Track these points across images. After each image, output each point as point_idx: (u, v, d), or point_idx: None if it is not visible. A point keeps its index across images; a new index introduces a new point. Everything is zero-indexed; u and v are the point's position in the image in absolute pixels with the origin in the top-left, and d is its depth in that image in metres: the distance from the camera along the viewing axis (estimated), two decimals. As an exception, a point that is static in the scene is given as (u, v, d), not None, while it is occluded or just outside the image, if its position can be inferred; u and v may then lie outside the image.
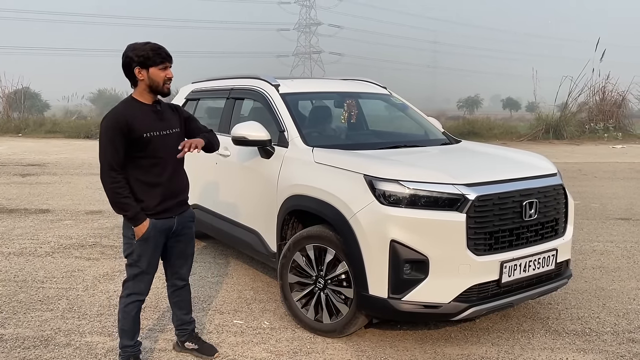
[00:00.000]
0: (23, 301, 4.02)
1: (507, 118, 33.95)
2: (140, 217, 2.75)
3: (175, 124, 2.92)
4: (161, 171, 2.81)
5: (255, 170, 4.10)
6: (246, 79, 4.71)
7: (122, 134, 2.66)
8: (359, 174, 3.23)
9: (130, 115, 2.71)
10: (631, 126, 19.95)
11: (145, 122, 2.74)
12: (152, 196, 2.80)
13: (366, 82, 5.18)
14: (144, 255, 2.82)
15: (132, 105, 2.78)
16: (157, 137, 2.77)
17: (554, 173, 3.61)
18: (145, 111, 2.78)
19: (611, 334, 3.56)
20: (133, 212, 2.73)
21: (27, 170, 11.06)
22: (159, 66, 2.74)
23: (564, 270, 3.63)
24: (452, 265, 3.03)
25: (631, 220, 6.84)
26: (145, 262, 2.84)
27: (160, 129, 2.80)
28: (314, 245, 3.44)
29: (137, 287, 2.88)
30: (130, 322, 2.91)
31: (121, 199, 2.70)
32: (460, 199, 3.05)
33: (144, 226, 2.77)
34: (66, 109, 28.43)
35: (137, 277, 2.86)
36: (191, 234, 3.09)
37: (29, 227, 6.29)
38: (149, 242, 2.81)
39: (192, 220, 3.08)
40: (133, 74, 2.75)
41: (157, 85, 2.77)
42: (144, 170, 2.77)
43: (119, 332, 2.96)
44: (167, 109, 2.93)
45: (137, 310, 2.92)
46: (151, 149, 2.75)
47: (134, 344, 2.97)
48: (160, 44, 2.80)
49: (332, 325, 3.40)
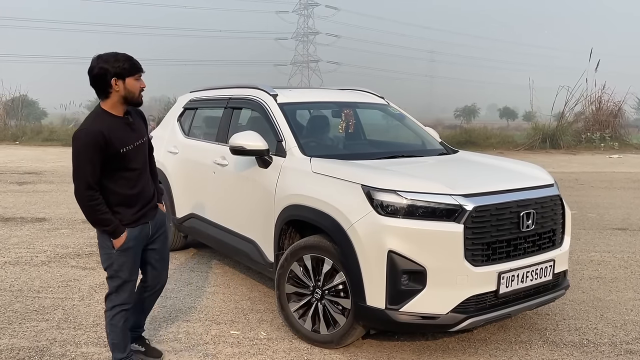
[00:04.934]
0: (18, 311, 3.99)
1: (503, 127, 34.06)
2: (119, 230, 2.75)
3: (143, 131, 2.93)
4: (136, 182, 2.84)
5: (252, 179, 4.10)
6: (244, 88, 4.72)
7: (100, 150, 2.62)
8: (356, 184, 3.24)
9: (107, 129, 2.65)
10: (627, 136, 20.05)
11: (121, 136, 2.71)
12: (128, 207, 2.81)
13: (364, 92, 5.19)
14: (125, 264, 2.82)
15: (105, 119, 2.70)
16: (132, 150, 2.77)
17: (551, 184, 3.62)
18: (119, 125, 2.74)
19: (609, 345, 3.55)
20: (113, 227, 2.73)
21: (24, 178, 11.03)
22: (134, 76, 2.71)
23: (562, 281, 3.63)
24: (450, 276, 3.03)
25: (628, 230, 6.85)
26: (126, 272, 2.84)
27: (134, 140, 2.80)
28: (312, 255, 3.44)
29: (121, 298, 2.87)
30: (119, 334, 2.90)
31: (100, 215, 2.69)
32: (457, 209, 3.05)
33: (123, 237, 2.77)
34: (63, 117, 28.46)
35: (120, 288, 2.85)
36: (166, 235, 3.12)
37: (25, 235, 6.26)
38: (129, 252, 2.82)
39: (164, 221, 3.12)
40: (106, 85, 2.67)
41: (133, 96, 2.74)
42: (119, 183, 2.76)
43: (111, 346, 2.95)
44: (136, 117, 2.90)
45: (124, 320, 2.92)
46: (127, 162, 2.75)
47: (127, 355, 2.96)
48: (129, 54, 2.75)
49: (330, 336, 3.38)
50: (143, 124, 2.96)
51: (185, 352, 3.39)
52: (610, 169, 13.61)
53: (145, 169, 2.92)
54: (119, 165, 2.73)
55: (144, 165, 2.89)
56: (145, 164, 2.92)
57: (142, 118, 2.99)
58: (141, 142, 2.87)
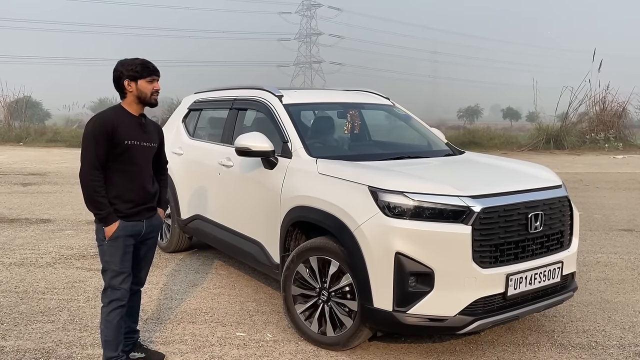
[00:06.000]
0: (24, 312, 3.99)
1: (507, 128, 33.98)
2: (111, 218, 2.86)
3: (155, 140, 3.11)
4: (135, 178, 2.95)
5: (258, 181, 4.08)
6: (249, 89, 4.71)
7: (107, 136, 2.82)
8: (363, 185, 3.22)
9: (117, 120, 2.88)
10: (632, 136, 19.96)
11: (129, 130, 2.91)
12: (124, 201, 2.91)
13: (369, 93, 5.17)
14: (115, 255, 2.90)
15: (120, 112, 2.95)
16: (137, 146, 2.93)
17: (559, 185, 3.59)
18: (131, 120, 2.95)
19: (617, 347, 3.52)
20: (106, 212, 2.85)
21: (28, 179, 11.05)
22: (146, 79, 2.93)
23: (570, 282, 3.60)
24: (458, 278, 3.01)
25: (634, 231, 6.82)
26: (117, 263, 2.91)
27: (142, 140, 2.97)
28: (318, 256, 3.42)
29: (116, 293, 2.92)
30: (113, 331, 2.93)
31: (97, 197, 2.83)
32: (465, 211, 3.03)
33: (114, 226, 2.87)
34: (67, 118, 28.46)
35: (114, 280, 2.91)
36: (156, 239, 3.22)
37: (30, 237, 6.26)
38: (119, 242, 2.90)
39: (159, 226, 3.19)
40: (121, 86, 2.94)
41: (145, 96, 2.95)
42: (119, 175, 2.90)
43: (103, 343, 2.98)
44: (151, 125, 3.10)
45: (120, 318, 2.95)
46: (129, 156, 2.91)
47: (118, 355, 2.97)
48: (148, 60, 2.99)
49: (336, 338, 3.37)
50: (157, 135, 3.14)
51: (191, 354, 3.37)
52: (614, 169, 13.56)
53: (147, 169, 3.04)
54: (121, 156, 2.88)
55: (145, 165, 3.03)
56: (147, 166, 3.05)
57: (158, 131, 3.18)
58: (149, 145, 3.04)
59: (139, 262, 3.12)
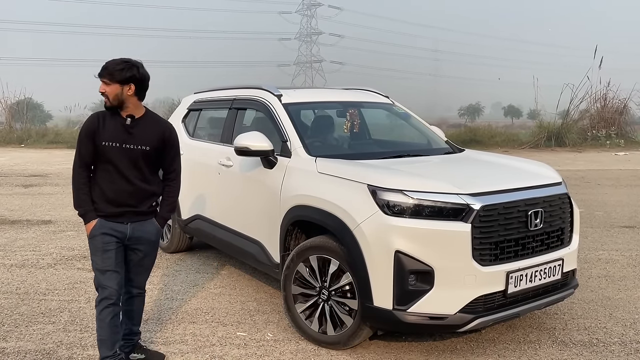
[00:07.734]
0: (25, 314, 3.99)
1: (508, 125, 33.91)
2: (89, 216, 2.89)
3: (147, 142, 2.92)
4: (115, 179, 2.90)
5: (258, 180, 4.08)
6: (249, 89, 4.71)
7: (91, 136, 2.86)
8: (362, 184, 3.22)
9: (100, 121, 2.89)
10: (633, 133, 19.92)
11: (109, 131, 2.88)
12: (105, 200, 2.91)
13: (369, 92, 5.17)
14: (95, 253, 2.92)
15: (109, 113, 2.93)
16: (114, 147, 2.86)
17: (559, 182, 3.58)
18: (116, 121, 2.91)
19: (619, 344, 3.51)
20: (85, 210, 2.89)
21: (30, 181, 11.06)
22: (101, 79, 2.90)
23: (570, 280, 3.60)
24: (458, 276, 3.00)
25: (636, 228, 6.80)
26: (98, 261, 2.91)
27: (123, 141, 2.88)
28: (318, 256, 3.42)
29: (106, 292, 2.90)
30: (106, 329, 2.91)
31: (81, 194, 2.89)
32: (465, 208, 3.02)
33: (92, 224, 2.90)
34: (68, 120, 28.51)
35: (99, 279, 2.91)
36: (152, 247, 3.10)
37: (31, 238, 6.27)
38: (97, 240, 2.90)
39: (153, 234, 3.06)
40: None
41: None
42: (102, 174, 2.91)
43: (98, 342, 2.96)
44: (148, 127, 2.95)
45: (112, 316, 2.91)
46: (108, 157, 2.88)
47: (113, 354, 2.95)
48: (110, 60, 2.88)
49: (337, 337, 3.36)
50: (154, 137, 2.95)
51: (192, 354, 3.37)
52: (616, 166, 13.53)
53: (132, 172, 2.91)
54: (103, 157, 2.88)
55: (130, 167, 2.90)
56: (133, 168, 2.91)
57: (159, 133, 2.98)
58: (132, 147, 2.89)
59: (134, 267, 3.08)
